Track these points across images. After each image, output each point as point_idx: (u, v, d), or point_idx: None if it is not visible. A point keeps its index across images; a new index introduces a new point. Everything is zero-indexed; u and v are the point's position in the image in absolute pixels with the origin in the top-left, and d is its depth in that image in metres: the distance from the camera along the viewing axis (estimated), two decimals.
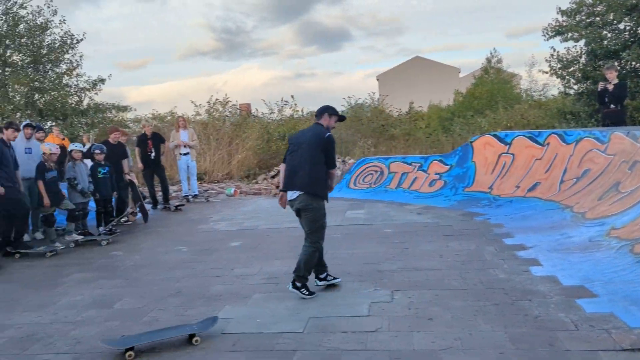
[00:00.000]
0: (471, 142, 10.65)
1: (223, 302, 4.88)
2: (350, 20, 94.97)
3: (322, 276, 5.21)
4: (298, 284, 4.93)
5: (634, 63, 12.32)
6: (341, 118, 5.41)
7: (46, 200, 7.72)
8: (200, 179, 15.77)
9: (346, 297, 4.81)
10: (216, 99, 19.17)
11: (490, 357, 3.38)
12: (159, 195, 11.37)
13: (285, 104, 20.05)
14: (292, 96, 28.07)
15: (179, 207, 10.89)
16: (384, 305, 4.50)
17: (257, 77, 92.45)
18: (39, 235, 8.55)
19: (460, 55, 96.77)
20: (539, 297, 4.40)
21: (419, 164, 11.32)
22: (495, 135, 10.33)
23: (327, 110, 5.23)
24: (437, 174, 10.78)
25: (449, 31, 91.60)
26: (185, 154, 11.40)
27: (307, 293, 4.90)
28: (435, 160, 11.18)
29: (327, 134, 5.05)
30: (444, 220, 8.11)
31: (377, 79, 50.80)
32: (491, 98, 21.66)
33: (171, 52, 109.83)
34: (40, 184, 7.75)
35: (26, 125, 8.47)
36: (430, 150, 15.13)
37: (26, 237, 8.05)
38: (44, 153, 7.94)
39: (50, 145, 8.12)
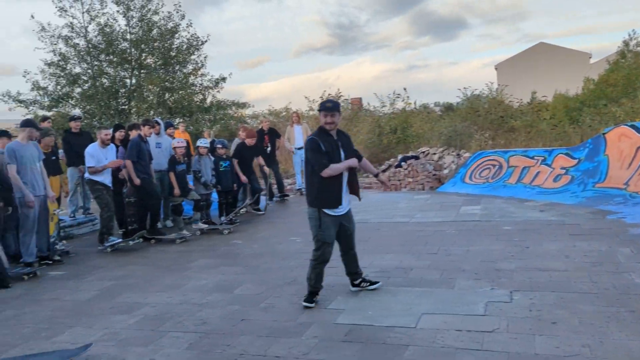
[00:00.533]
0: (604, 134, 9.73)
1: (335, 292, 4.97)
2: (467, 7, 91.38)
3: (356, 282, 5.02)
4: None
5: None
6: (322, 107, 4.63)
7: (177, 190, 8.41)
8: None
9: (461, 295, 4.65)
10: (329, 94, 19.50)
11: None
12: (275, 188, 11.85)
13: (398, 97, 19.83)
14: (404, 89, 27.75)
15: (284, 197, 11.35)
16: (502, 306, 4.29)
17: (368, 70, 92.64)
18: (169, 223, 9.34)
19: (591, 40, 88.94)
20: None
21: (543, 158, 10.59)
22: (633, 126, 9.33)
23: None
24: (563, 168, 10.01)
25: (579, 13, 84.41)
26: (299, 148, 11.74)
27: (308, 302, 4.66)
28: (561, 153, 10.38)
29: (308, 138, 4.67)
30: (570, 218, 7.53)
31: (496, 68, 48.33)
32: (629, 85, 19.54)
33: (287, 49, 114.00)
34: (172, 175, 8.47)
35: (144, 123, 9.29)
36: (555, 143, 14.07)
37: (159, 225, 8.86)
38: (174, 148, 8.66)
39: (179, 140, 8.84)
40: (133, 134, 8.41)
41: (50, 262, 7.06)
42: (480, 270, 5.36)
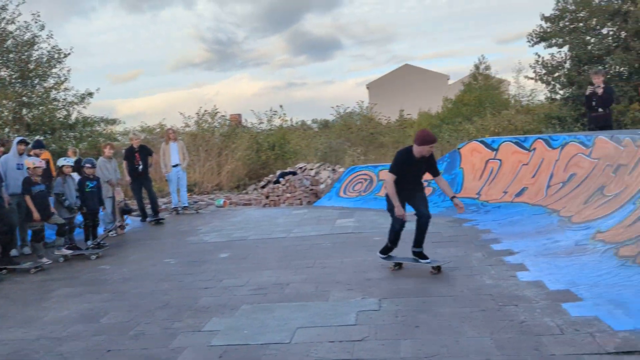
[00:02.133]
0: (459, 149, 10.70)
1: (210, 314, 4.85)
2: (341, 29, 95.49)
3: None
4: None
5: (617, 67, 12.47)
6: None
7: (35, 215, 7.65)
8: (189, 190, 15.73)
9: (334, 306, 4.80)
10: (205, 110, 19.19)
11: None
12: (148, 208, 11.31)
13: (274, 114, 20.10)
14: (280, 106, 28.22)
15: (159, 221, 10.77)
16: (372, 314, 4.50)
17: (248, 87, 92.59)
18: (27, 250, 8.45)
19: (450, 63, 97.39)
20: (525, 302, 4.42)
21: None
22: (482, 142, 10.39)
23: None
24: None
25: (439, 38, 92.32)
26: (175, 166, 11.37)
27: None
28: None
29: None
30: (432, 227, 8.01)
31: (367, 88, 51.05)
32: (479, 104, 21.83)
33: (162, 63, 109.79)
34: (28, 198, 7.68)
35: (20, 142, 8.47)
36: None
37: (14, 252, 7.99)
38: (28, 168, 7.88)
39: (34, 159, 8.05)
40: None
41: None
42: (352, 281, 5.58)
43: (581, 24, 13.52)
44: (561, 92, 14.09)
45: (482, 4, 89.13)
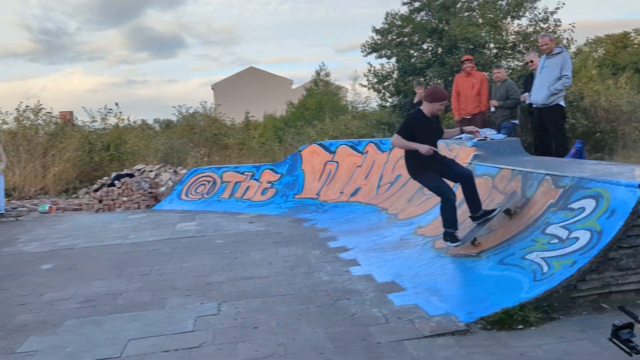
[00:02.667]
0: (300, 151, 11.06)
1: (28, 332, 4.33)
2: (184, 27, 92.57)
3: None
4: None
5: (435, 79, 13.97)
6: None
7: None
8: (8, 195, 13.89)
9: (171, 314, 4.61)
10: (27, 106, 17.12)
11: (311, 359, 3.51)
12: None
13: (109, 112, 18.70)
14: (116, 103, 26.40)
15: None
16: (210, 319, 4.41)
17: (81, 82, 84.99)
18: None
19: (293, 68, 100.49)
20: (356, 295, 4.71)
21: (252, 173, 11.41)
22: (321, 144, 10.88)
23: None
24: (269, 182, 10.97)
25: (283, 43, 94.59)
26: None
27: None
28: (267, 169, 11.37)
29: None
30: (274, 227, 8.28)
31: (212, 88, 50.26)
32: (320, 109, 22.83)
33: None
34: None
35: None
36: (264, 160, 15.37)
37: None
38: None
39: None
40: None
41: None
42: (191, 286, 5.41)
43: (406, 39, 14.89)
44: (390, 100, 15.36)
45: (322, 13, 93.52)
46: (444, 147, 7.71)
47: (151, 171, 14.52)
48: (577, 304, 3.96)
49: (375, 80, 15.27)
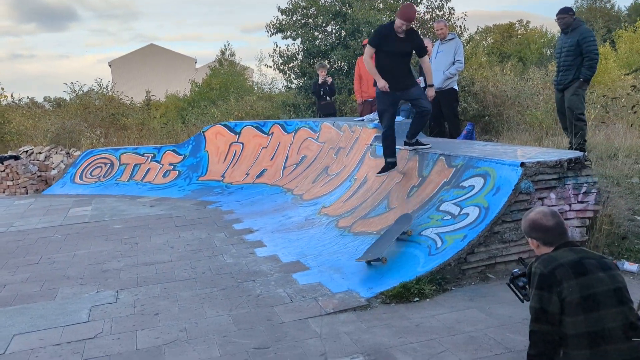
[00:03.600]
0: (203, 132, 10.75)
1: None
2: None
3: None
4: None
5: (339, 62, 14.16)
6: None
7: None
8: None
9: (63, 305, 4.33)
10: None
11: (214, 343, 3.47)
12: None
13: None
14: None
15: None
16: (107, 307, 4.20)
17: None
18: None
19: (196, 47, 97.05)
20: (261, 276, 4.70)
21: (152, 155, 10.93)
22: (226, 125, 10.65)
23: None
24: (171, 164, 10.58)
25: (186, 21, 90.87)
26: None
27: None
28: (169, 150, 10.95)
29: None
30: (177, 210, 8.02)
31: (110, 65, 47.28)
32: (225, 89, 22.29)
33: None
34: None
35: None
36: (167, 141, 14.76)
37: None
38: None
39: None
40: None
41: None
42: (86, 274, 5.12)
43: (310, 20, 14.89)
44: (295, 81, 15.34)
45: None
46: (346, 129, 7.88)
47: (40, 153, 13.45)
48: (466, 275, 4.25)
49: (281, 61, 15.17)
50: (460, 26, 14.76)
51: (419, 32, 14.09)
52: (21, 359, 3.38)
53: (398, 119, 7.56)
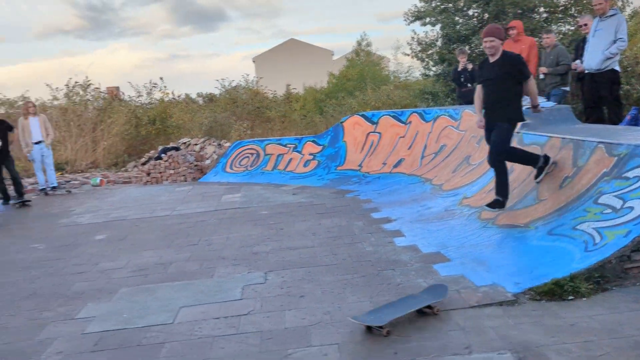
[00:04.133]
0: (342, 123, 11.00)
1: (85, 300, 4.56)
2: (227, 0, 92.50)
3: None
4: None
5: (481, 47, 13.52)
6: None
7: None
8: (61, 169, 14.51)
9: (219, 283, 4.74)
10: (76, 82, 17.68)
11: (357, 327, 3.55)
12: (11, 189, 10.24)
13: (154, 87, 19.09)
14: (161, 78, 26.88)
15: (25, 203, 9.86)
16: (257, 287, 4.52)
17: (127, 58, 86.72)
18: None
19: (333, 39, 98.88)
20: (401, 266, 4.70)
21: (294, 145, 11.46)
22: (363, 115, 10.77)
23: None
24: (310, 154, 11.00)
25: (323, 14, 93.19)
26: (37, 143, 10.37)
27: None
28: (309, 141, 11.39)
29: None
30: (317, 199, 8.33)
31: (254, 61, 50.33)
32: (361, 80, 22.54)
33: (26, 30, 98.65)
34: None
35: None
36: (306, 132, 15.39)
37: None
38: None
39: None
40: None
41: None
42: (238, 256, 5.54)
43: (451, 5, 14.41)
44: (434, 68, 14.99)
45: None
46: None
47: (196, 144, 14.81)
48: (630, 275, 3.83)
49: (419, 48, 14.92)
50: (622, 0, 13.20)
51: (574, 9, 12.90)
52: (188, 329, 3.78)
53: (548, 104, 7.02)
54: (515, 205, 5.31)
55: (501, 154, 5.11)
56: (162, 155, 13.07)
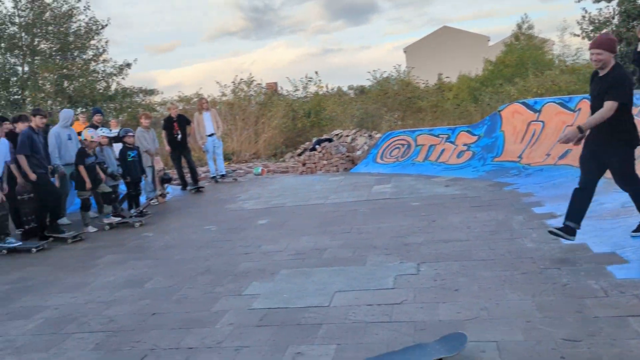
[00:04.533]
0: (499, 111, 10.40)
1: (250, 278, 4.95)
2: None
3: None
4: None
5: None
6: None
7: (88, 184, 7.93)
8: (227, 159, 15.93)
9: (372, 270, 4.81)
10: (241, 79, 19.23)
11: (517, 326, 3.34)
12: (188, 177, 11.52)
13: (310, 81, 19.95)
14: (316, 72, 27.97)
15: (199, 189, 10.98)
16: (410, 278, 4.49)
17: (284, 55, 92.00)
18: (65, 220, 8.71)
19: (490, 23, 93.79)
20: (568, 265, 4.31)
21: (447, 136, 11.14)
22: (524, 103, 10.05)
23: None
24: (465, 145, 10.59)
25: None
26: (210, 135, 11.48)
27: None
28: (463, 131, 10.98)
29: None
30: (472, 191, 8.00)
31: (405, 51, 49.93)
32: (521, 65, 21.03)
33: (199, 33, 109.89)
34: (82, 168, 7.93)
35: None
36: (459, 122, 14.86)
37: (64, 220, 8.38)
38: (85, 139, 8.14)
39: (93, 132, 8.28)
40: (20, 126, 7.75)
41: None
42: (390, 245, 5.56)
43: None
44: None
45: None
46: None
47: (348, 136, 15.17)
48: None
49: (591, 28, 13.47)
50: None
51: None
52: (342, 313, 3.90)
53: None
54: None
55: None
56: (317, 146, 13.63)
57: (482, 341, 3.19)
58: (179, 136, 10.89)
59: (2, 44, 16.00)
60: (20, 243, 7.18)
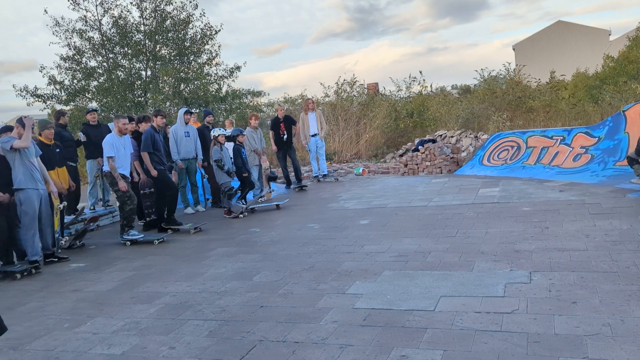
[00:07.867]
0: (624, 111, 9.53)
1: (353, 277, 4.98)
2: None
3: None
4: None
5: None
6: None
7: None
8: (329, 159, 16.16)
9: (480, 277, 4.63)
10: (344, 80, 19.41)
11: None
12: (292, 176, 11.86)
13: (414, 81, 19.66)
14: (420, 72, 27.50)
15: (303, 188, 11.22)
16: (521, 286, 4.26)
17: (387, 55, 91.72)
18: (189, 210, 9.62)
19: (611, 16, 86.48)
20: None
21: (561, 137, 10.43)
22: None
23: None
24: (582, 147, 9.85)
25: None
26: (313, 135, 11.72)
27: None
28: (581, 132, 10.21)
29: None
30: (590, 197, 7.42)
31: (513, 49, 47.55)
32: None
33: (305, 35, 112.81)
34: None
35: (186, 112, 9.58)
36: (575, 122, 13.85)
37: (190, 210, 9.54)
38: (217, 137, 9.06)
39: (222, 131, 9.17)
40: (143, 126, 8.52)
41: (56, 259, 6.93)
42: (499, 252, 5.32)
43: None
44: None
45: None
46: None
47: (452, 137, 14.75)
48: None
49: None
50: None
51: None
52: (448, 318, 3.80)
53: None
54: None
55: None
56: (420, 147, 13.40)
57: (605, 359, 2.95)
58: (285, 136, 11.25)
59: (129, 51, 17.55)
60: (142, 236, 7.79)
